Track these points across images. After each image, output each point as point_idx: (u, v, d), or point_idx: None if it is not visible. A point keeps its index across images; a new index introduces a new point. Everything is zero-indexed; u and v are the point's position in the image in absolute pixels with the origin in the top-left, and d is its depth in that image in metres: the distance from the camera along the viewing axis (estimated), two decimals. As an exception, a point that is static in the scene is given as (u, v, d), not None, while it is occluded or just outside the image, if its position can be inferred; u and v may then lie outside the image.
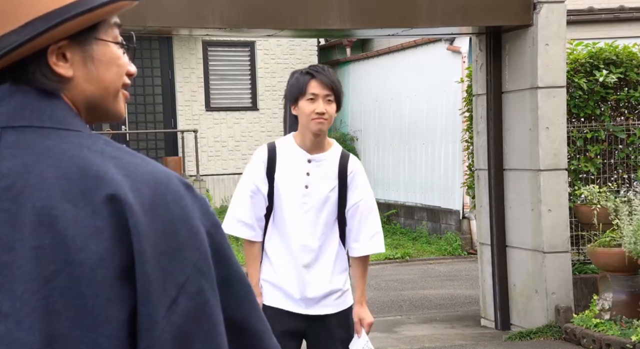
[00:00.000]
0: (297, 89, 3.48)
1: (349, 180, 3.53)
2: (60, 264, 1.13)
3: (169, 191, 1.22)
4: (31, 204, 1.15)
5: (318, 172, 3.50)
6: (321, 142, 3.51)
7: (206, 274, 1.22)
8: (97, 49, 1.29)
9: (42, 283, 1.12)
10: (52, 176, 1.17)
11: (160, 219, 1.19)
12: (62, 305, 1.12)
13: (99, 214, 1.16)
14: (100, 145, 1.23)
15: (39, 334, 1.11)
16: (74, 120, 1.25)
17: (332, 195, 3.51)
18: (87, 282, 1.13)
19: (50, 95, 1.25)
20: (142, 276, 1.15)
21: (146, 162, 1.24)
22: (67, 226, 1.14)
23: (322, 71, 3.50)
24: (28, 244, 1.14)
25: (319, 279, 3.51)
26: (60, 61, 1.25)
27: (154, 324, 1.15)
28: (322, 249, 3.51)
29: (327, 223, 3.51)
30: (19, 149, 1.20)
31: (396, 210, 13.77)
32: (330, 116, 3.46)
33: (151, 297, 1.16)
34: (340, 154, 3.55)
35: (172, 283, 1.18)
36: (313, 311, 3.53)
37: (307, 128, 3.46)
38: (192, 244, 1.21)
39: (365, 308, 3.60)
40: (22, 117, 1.23)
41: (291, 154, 3.52)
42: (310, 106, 3.43)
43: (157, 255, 1.17)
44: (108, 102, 1.32)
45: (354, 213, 3.55)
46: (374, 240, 3.60)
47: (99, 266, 1.14)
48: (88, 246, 1.14)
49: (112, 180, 1.18)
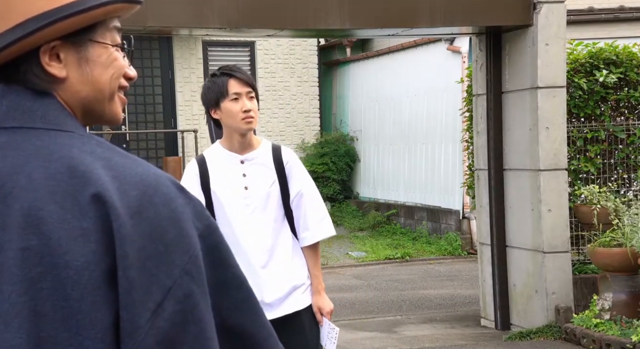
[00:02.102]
0: (217, 91, 3.44)
1: (287, 170, 3.50)
2: (46, 266, 1.13)
3: (157, 193, 1.20)
4: (19, 205, 1.15)
5: (254, 171, 3.48)
6: (250, 141, 3.49)
7: (196, 277, 1.19)
8: (93, 50, 1.28)
9: (29, 284, 1.12)
10: (40, 177, 1.17)
11: (146, 221, 1.17)
12: (50, 307, 1.12)
13: (85, 216, 1.15)
14: (91, 146, 1.22)
15: (27, 335, 1.11)
16: (66, 120, 1.25)
17: (274, 190, 3.48)
18: (72, 284, 1.13)
19: (42, 95, 1.24)
20: (124, 280, 1.14)
21: (136, 164, 1.23)
22: (53, 228, 1.14)
23: (237, 70, 3.49)
24: (15, 246, 1.13)
25: (279, 278, 3.47)
26: (53, 61, 1.24)
27: (137, 329, 1.13)
28: (276, 247, 3.48)
29: (275, 219, 3.48)
30: (9, 150, 1.20)
31: (396, 210, 13.77)
32: (255, 113, 3.45)
33: (134, 302, 1.14)
34: (271, 148, 3.54)
35: (158, 287, 1.16)
36: (280, 312, 3.46)
37: (235, 129, 3.43)
38: (181, 247, 1.19)
39: (323, 296, 3.57)
40: (14, 118, 1.22)
41: (222, 160, 3.49)
42: (235, 105, 3.41)
43: (142, 259, 1.15)
44: (103, 104, 1.31)
45: (299, 202, 3.51)
46: (323, 224, 3.55)
47: (85, 268, 1.13)
48: (74, 249, 1.13)
49: (99, 181, 1.17)
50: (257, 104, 3.49)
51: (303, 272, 3.56)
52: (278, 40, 14.82)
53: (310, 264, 3.59)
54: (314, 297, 3.57)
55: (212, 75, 3.51)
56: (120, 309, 1.14)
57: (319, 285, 3.58)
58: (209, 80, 3.50)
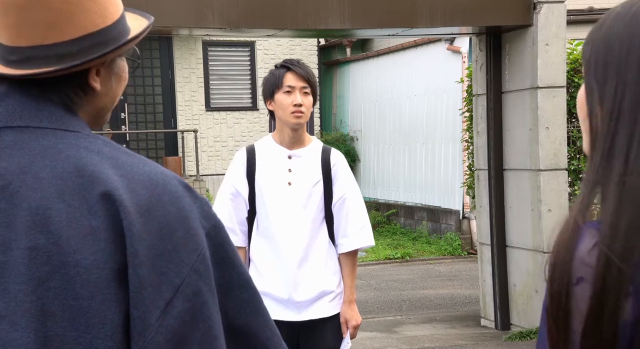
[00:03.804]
0: (273, 83, 3.43)
1: (333, 173, 3.45)
2: (54, 265, 1.13)
3: (165, 192, 1.21)
4: (27, 205, 1.15)
5: (300, 168, 3.43)
6: (300, 137, 3.44)
7: (204, 276, 1.20)
8: (118, 65, 1.33)
9: (36, 283, 1.12)
10: (47, 176, 1.17)
11: (156, 220, 1.18)
12: (57, 306, 1.12)
13: (94, 214, 1.15)
14: (98, 145, 1.23)
15: (34, 335, 1.11)
16: (72, 121, 1.26)
17: (316, 190, 3.42)
18: (82, 283, 1.13)
19: (48, 96, 1.26)
20: (134, 278, 1.15)
21: (143, 163, 1.24)
22: (62, 227, 1.14)
23: (297, 64, 3.46)
24: (23, 245, 1.13)
25: (310, 279, 3.40)
26: (96, 76, 1.28)
27: (147, 327, 1.14)
28: (311, 247, 3.41)
29: (314, 220, 3.41)
30: (16, 149, 1.20)
31: (396, 210, 13.77)
32: (307, 108, 3.40)
33: (144, 300, 1.15)
34: (321, 148, 3.49)
35: (167, 285, 1.17)
36: (305, 315, 3.40)
37: (285, 122, 3.40)
38: (189, 246, 1.20)
39: (353, 308, 3.48)
40: (21, 117, 1.23)
41: (271, 152, 3.46)
42: (287, 98, 3.38)
43: (152, 257, 1.16)
44: (109, 110, 1.35)
45: (341, 207, 3.45)
46: (363, 233, 3.47)
47: (94, 267, 1.14)
48: (83, 247, 1.14)
49: (107, 179, 1.18)
50: (312, 100, 3.43)
51: (334, 279, 3.46)
52: (278, 40, 14.82)
53: (344, 273, 3.49)
54: (343, 307, 3.47)
55: (274, 67, 3.51)
56: (130, 307, 1.14)
57: (351, 295, 3.48)
58: (270, 72, 3.50)
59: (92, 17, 1.24)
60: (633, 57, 1.08)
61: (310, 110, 3.45)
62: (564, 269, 1.07)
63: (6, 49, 1.25)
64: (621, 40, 1.09)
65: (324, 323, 3.43)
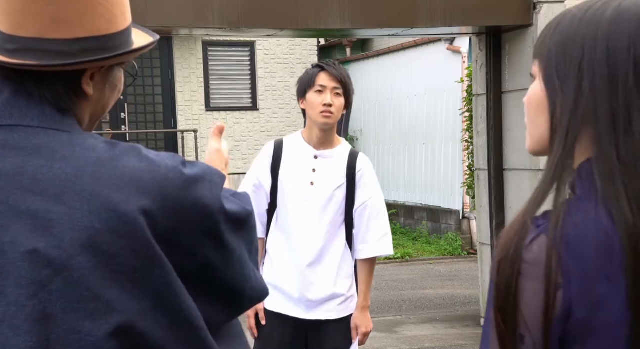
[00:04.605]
0: (306, 82, 3.44)
1: (358, 178, 3.43)
2: (56, 268, 1.12)
3: (168, 185, 1.21)
4: (25, 207, 1.14)
5: (325, 169, 3.40)
6: (329, 137, 3.42)
7: (218, 238, 1.26)
8: (114, 74, 1.32)
9: (38, 287, 1.11)
10: (45, 178, 1.16)
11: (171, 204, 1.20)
12: (59, 309, 1.11)
13: (97, 216, 1.14)
14: (91, 142, 1.22)
15: (37, 339, 1.10)
16: (62, 120, 1.24)
17: (339, 193, 3.39)
18: (87, 285, 1.12)
19: (38, 95, 1.24)
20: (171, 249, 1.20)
21: (140, 158, 1.23)
22: (64, 230, 1.13)
23: (332, 65, 3.48)
24: (22, 248, 1.12)
25: (322, 280, 3.38)
26: (90, 80, 1.27)
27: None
28: (326, 249, 3.38)
29: (332, 223, 3.38)
30: (8, 149, 1.19)
31: (396, 210, 13.76)
32: (337, 110, 3.38)
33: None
34: (349, 152, 3.46)
35: (186, 237, 1.22)
36: (314, 315, 3.39)
37: (314, 122, 3.38)
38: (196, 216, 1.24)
39: (365, 314, 3.45)
40: (10, 116, 1.22)
41: (298, 150, 3.43)
42: (317, 97, 3.38)
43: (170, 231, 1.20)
44: (97, 120, 1.34)
45: (362, 213, 3.43)
46: (383, 241, 3.45)
47: (99, 268, 1.13)
48: (86, 250, 1.13)
49: (107, 178, 1.17)
50: (343, 102, 3.43)
51: (346, 283, 3.44)
52: (278, 40, 14.81)
53: (360, 279, 3.47)
54: (356, 312, 3.44)
55: (310, 67, 3.53)
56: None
57: (365, 302, 3.45)
58: (305, 71, 3.52)
59: (98, 21, 1.23)
60: (593, 55, 1.12)
61: (341, 111, 3.43)
62: (509, 263, 1.11)
63: (5, 37, 1.22)
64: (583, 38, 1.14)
65: (330, 325, 3.42)
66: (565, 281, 1.08)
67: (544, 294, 1.07)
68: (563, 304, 1.08)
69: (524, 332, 1.09)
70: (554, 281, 1.07)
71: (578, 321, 1.08)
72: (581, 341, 1.08)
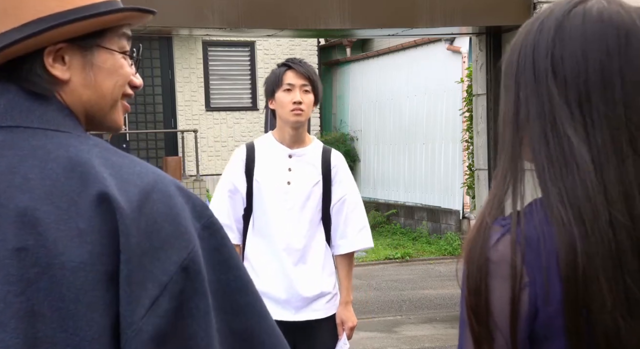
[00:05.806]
0: (273, 81, 3.43)
1: (333, 174, 3.43)
2: (42, 267, 1.12)
3: (155, 190, 1.19)
4: (14, 205, 1.14)
5: (300, 167, 3.41)
6: (301, 136, 3.43)
7: (192, 275, 1.17)
8: (99, 56, 1.27)
9: (26, 284, 1.11)
10: (36, 177, 1.16)
11: (144, 217, 1.16)
12: (47, 307, 1.11)
13: (83, 216, 1.14)
14: (88, 145, 1.22)
15: (24, 336, 1.10)
16: (64, 121, 1.24)
17: (316, 190, 3.39)
18: (68, 285, 1.12)
19: (41, 96, 1.24)
20: (121, 276, 1.13)
21: (134, 163, 1.22)
22: (49, 228, 1.13)
23: (298, 63, 3.46)
24: (11, 246, 1.12)
25: (308, 280, 3.38)
26: (57, 63, 1.24)
27: (130, 325, 1.12)
28: (308, 249, 3.38)
29: (311, 221, 3.39)
30: (5, 149, 1.19)
31: (396, 210, 13.77)
32: (307, 107, 3.39)
33: (129, 297, 1.13)
34: (322, 149, 3.47)
35: (153, 283, 1.14)
36: (302, 316, 3.38)
37: (285, 121, 3.39)
38: (178, 244, 1.17)
39: (349, 309, 3.47)
40: (11, 117, 1.22)
41: (271, 151, 3.43)
42: (287, 96, 3.37)
43: (139, 254, 1.14)
44: (104, 110, 1.30)
45: (340, 209, 3.42)
46: (362, 234, 3.46)
47: (81, 269, 1.12)
48: (69, 249, 1.13)
49: (97, 180, 1.16)
50: (312, 98, 3.43)
51: (331, 280, 3.46)
52: (278, 40, 14.82)
53: (341, 275, 3.49)
54: (340, 308, 3.46)
55: (276, 66, 3.52)
56: (120, 306, 1.13)
57: (347, 297, 3.47)
58: (271, 71, 3.50)
59: (46, 1, 1.22)
60: (523, 66, 1.19)
61: (311, 108, 3.44)
62: (477, 265, 1.14)
63: None
64: (519, 48, 1.20)
65: (320, 324, 3.42)
66: (531, 280, 1.10)
67: (510, 293, 1.10)
68: (529, 304, 1.10)
69: (495, 331, 1.11)
70: (519, 280, 1.10)
71: (544, 320, 1.10)
72: (548, 340, 1.10)
